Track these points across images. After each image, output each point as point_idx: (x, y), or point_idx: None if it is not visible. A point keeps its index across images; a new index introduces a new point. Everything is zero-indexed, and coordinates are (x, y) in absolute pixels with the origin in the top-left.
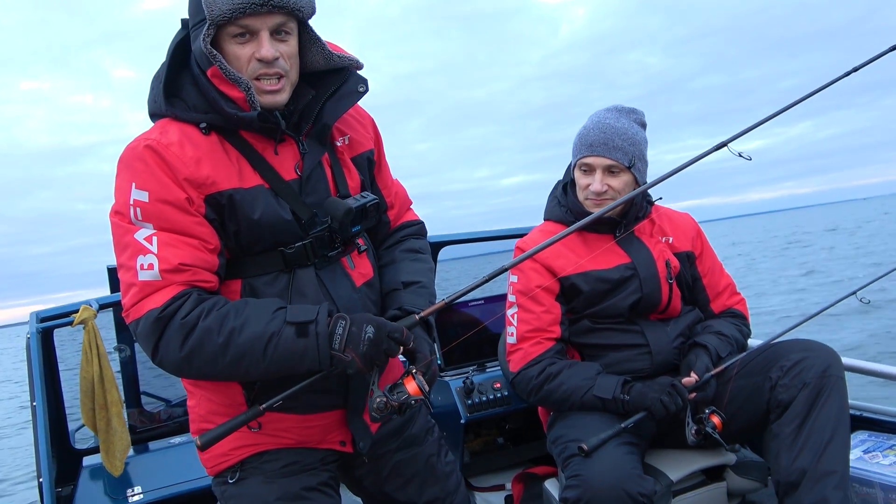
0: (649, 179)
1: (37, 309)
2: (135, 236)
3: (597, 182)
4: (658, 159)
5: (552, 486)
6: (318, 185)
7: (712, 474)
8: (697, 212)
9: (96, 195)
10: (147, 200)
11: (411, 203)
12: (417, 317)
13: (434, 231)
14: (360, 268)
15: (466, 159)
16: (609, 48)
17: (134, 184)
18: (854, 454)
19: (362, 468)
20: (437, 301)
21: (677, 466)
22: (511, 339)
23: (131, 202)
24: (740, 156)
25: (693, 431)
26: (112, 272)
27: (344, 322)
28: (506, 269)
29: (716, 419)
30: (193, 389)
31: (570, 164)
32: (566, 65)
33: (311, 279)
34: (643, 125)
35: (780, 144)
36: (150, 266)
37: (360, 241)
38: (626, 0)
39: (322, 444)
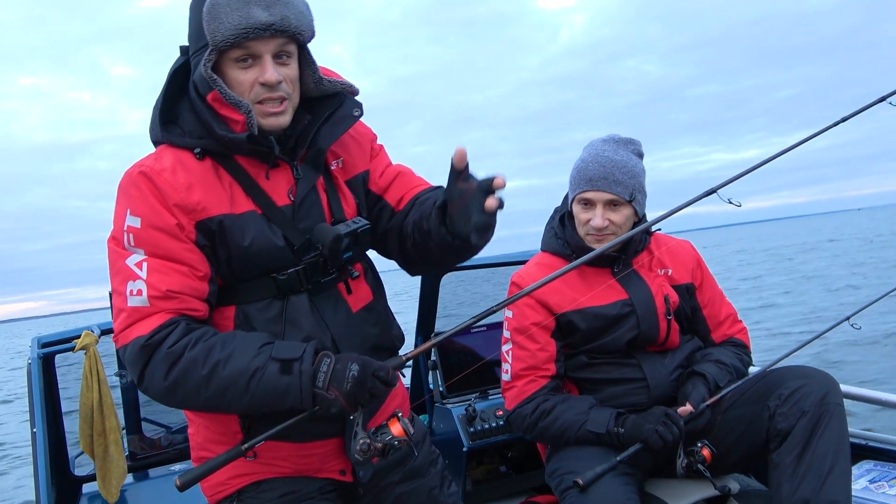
0: (647, 204)
1: (30, 306)
2: (126, 262)
3: (598, 217)
4: (654, 167)
5: None
6: (311, 210)
7: (715, 503)
8: (691, 220)
9: (92, 192)
10: (139, 226)
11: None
12: (404, 358)
13: None
14: (358, 292)
15: None
16: (607, 55)
17: (129, 210)
18: (860, 484)
19: (363, 500)
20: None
21: (679, 496)
22: (506, 377)
23: (125, 228)
24: (730, 202)
25: (683, 465)
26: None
27: (329, 360)
28: (496, 310)
29: (706, 452)
30: (193, 417)
31: (567, 196)
32: (564, 71)
33: (305, 306)
34: (641, 155)
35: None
36: (139, 292)
37: (355, 267)
38: (625, 8)
39: (321, 472)
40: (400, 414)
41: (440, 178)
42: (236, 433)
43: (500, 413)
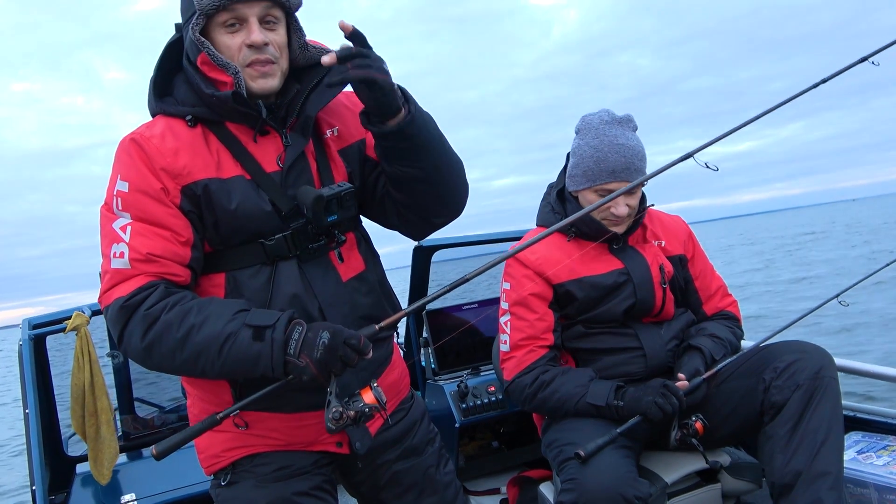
0: None
1: (26, 312)
2: (113, 225)
3: (621, 205)
4: (649, 161)
5: (547, 490)
6: (300, 177)
7: (707, 476)
8: (687, 213)
9: (86, 198)
10: (127, 190)
11: None
12: (377, 327)
13: None
14: (350, 261)
15: None
16: (600, 50)
17: (119, 175)
18: (848, 455)
19: (359, 475)
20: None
21: (672, 468)
22: (504, 347)
23: (115, 192)
24: (707, 166)
25: (676, 437)
26: None
27: (301, 328)
28: (478, 274)
29: (699, 425)
30: (189, 389)
31: (563, 171)
32: (558, 67)
33: (294, 272)
34: (636, 129)
35: (771, 146)
36: (122, 255)
37: (347, 236)
38: (618, 2)
39: (316, 445)
40: (375, 384)
41: None
42: (228, 402)
43: (492, 389)
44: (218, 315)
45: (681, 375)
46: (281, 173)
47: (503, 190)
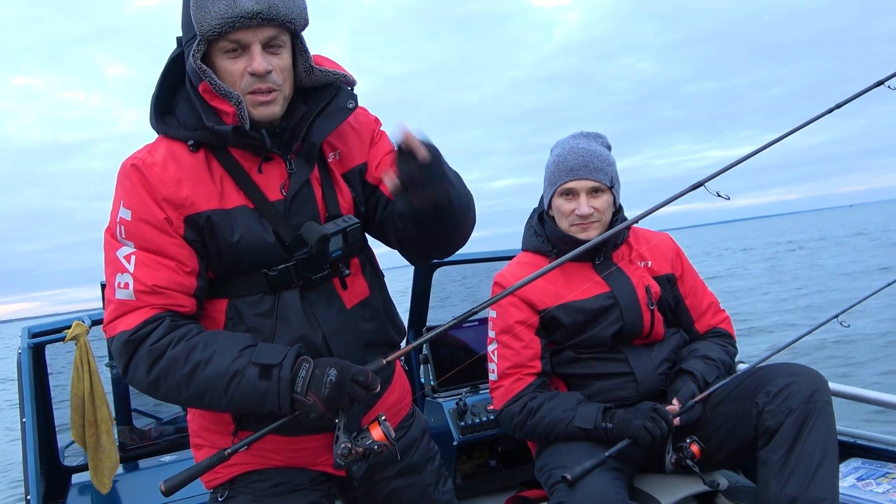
0: (622, 199)
1: (23, 307)
2: (117, 253)
3: (583, 205)
4: (646, 164)
5: None
6: (305, 205)
7: (704, 500)
8: (682, 217)
9: (85, 192)
10: (130, 219)
11: None
12: (384, 361)
13: None
14: (354, 288)
15: (457, 162)
16: (601, 53)
17: (122, 202)
18: (848, 482)
19: (357, 491)
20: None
21: (668, 492)
22: (493, 377)
23: (118, 220)
24: (718, 195)
25: (672, 460)
26: (104, 288)
27: (308, 365)
28: (476, 311)
29: (695, 448)
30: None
31: (543, 195)
32: (558, 69)
33: (296, 302)
34: (609, 148)
35: (768, 151)
36: (126, 285)
37: (351, 262)
38: (620, 5)
39: (314, 466)
40: (383, 417)
41: None
42: (228, 423)
43: (491, 408)
44: (224, 351)
45: (677, 401)
46: (285, 202)
47: (501, 191)
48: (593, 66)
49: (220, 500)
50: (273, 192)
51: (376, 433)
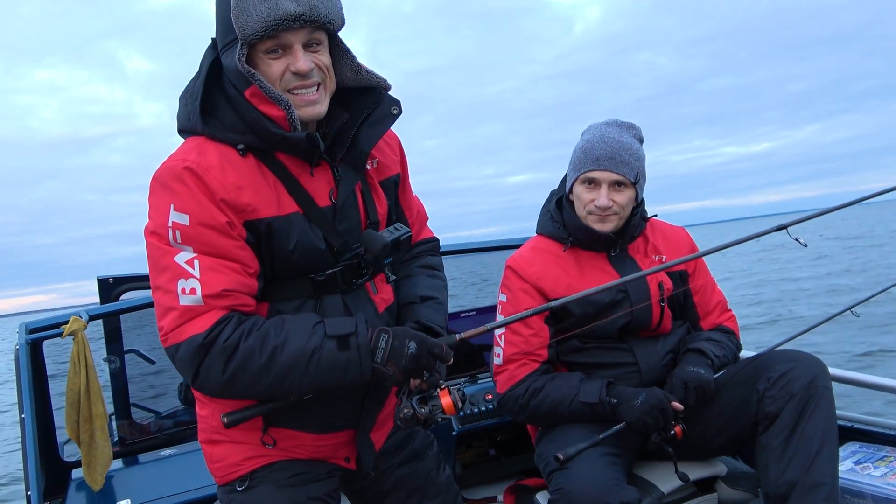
0: (645, 194)
1: (40, 300)
2: (175, 259)
3: (603, 197)
4: (664, 160)
5: (543, 499)
6: (350, 212)
7: (703, 486)
8: (701, 214)
9: (104, 186)
10: (188, 224)
11: (427, 219)
12: (458, 337)
13: (433, 228)
14: (383, 293)
15: (474, 157)
16: (620, 48)
17: (173, 205)
18: (845, 465)
19: (363, 481)
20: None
21: (668, 478)
22: (497, 360)
23: (170, 224)
24: (797, 241)
25: (656, 439)
26: (102, 283)
27: (387, 336)
28: (498, 325)
29: (678, 429)
30: (207, 400)
31: (565, 178)
32: (577, 64)
33: (338, 306)
34: (641, 140)
35: (786, 147)
36: (193, 291)
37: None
38: (640, 1)
39: (331, 459)
40: (451, 387)
41: (451, 171)
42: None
43: (490, 397)
44: (297, 332)
45: (675, 405)
46: (333, 208)
47: (517, 186)
48: (612, 61)
49: (238, 489)
50: (322, 198)
51: (445, 402)
